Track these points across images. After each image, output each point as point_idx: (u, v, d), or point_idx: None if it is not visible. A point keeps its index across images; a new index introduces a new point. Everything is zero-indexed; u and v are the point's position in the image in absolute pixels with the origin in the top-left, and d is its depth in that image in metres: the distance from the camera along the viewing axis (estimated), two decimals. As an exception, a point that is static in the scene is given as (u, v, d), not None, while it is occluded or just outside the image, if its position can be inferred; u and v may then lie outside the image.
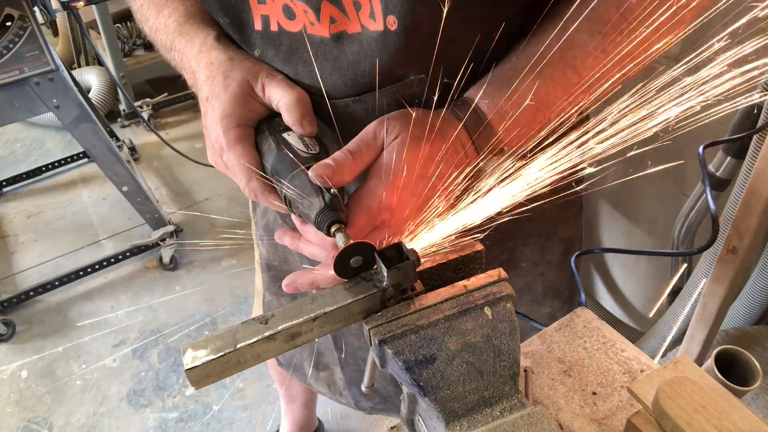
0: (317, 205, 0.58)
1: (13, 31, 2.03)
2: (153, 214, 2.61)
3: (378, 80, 0.66)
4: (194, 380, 0.51)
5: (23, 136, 3.76)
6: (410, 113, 0.64)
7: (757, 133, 1.14)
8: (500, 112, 0.63)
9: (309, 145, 0.65)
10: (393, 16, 0.61)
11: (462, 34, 0.65)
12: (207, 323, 2.46)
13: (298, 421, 1.87)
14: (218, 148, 0.68)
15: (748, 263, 1.15)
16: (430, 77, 0.67)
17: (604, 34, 0.64)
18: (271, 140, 0.66)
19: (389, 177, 0.60)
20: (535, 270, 0.99)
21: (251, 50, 0.73)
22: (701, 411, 0.53)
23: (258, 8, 0.69)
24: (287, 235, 0.69)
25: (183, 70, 0.77)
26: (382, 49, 0.63)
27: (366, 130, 0.63)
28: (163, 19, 0.79)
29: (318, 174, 0.58)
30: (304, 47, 0.68)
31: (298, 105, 0.66)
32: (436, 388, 0.50)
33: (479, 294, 0.54)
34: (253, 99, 0.68)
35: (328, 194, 0.58)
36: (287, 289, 0.67)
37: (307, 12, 0.65)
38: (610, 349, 0.76)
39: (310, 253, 0.66)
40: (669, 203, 1.62)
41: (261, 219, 1.10)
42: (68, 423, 2.12)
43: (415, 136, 0.61)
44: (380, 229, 0.62)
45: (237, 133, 0.66)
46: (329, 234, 0.57)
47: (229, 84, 0.67)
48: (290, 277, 0.67)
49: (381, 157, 0.62)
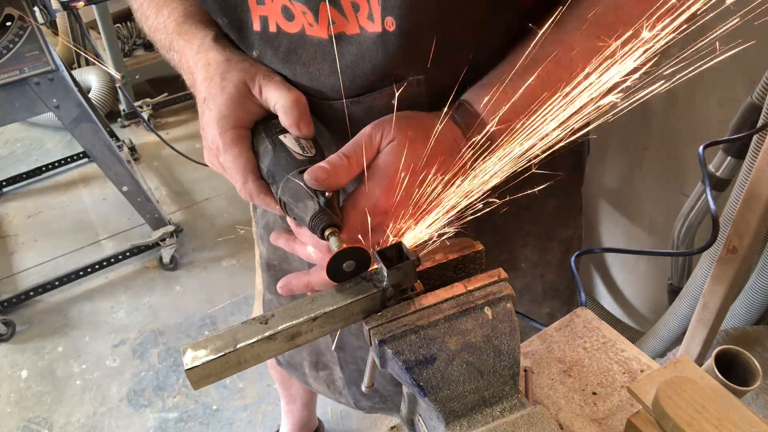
0: (311, 209, 0.58)
1: (13, 31, 2.03)
2: (153, 214, 2.61)
3: (376, 81, 0.66)
4: (194, 380, 0.51)
5: (23, 136, 3.76)
6: (407, 115, 0.64)
7: (757, 133, 1.14)
8: (496, 114, 0.63)
9: (305, 147, 0.65)
10: (391, 18, 0.61)
11: (460, 36, 0.65)
12: (207, 323, 2.46)
13: (298, 421, 1.87)
14: (215, 150, 0.68)
15: (748, 263, 1.15)
16: (428, 79, 0.67)
17: (600, 38, 0.64)
18: (268, 142, 0.66)
19: (385, 180, 0.60)
20: (535, 270, 0.99)
21: (249, 51, 0.73)
22: (701, 411, 0.53)
23: (257, 9, 0.69)
24: (282, 237, 0.69)
25: (181, 70, 0.77)
26: (381, 50, 0.63)
27: (362, 133, 0.63)
28: (162, 19, 0.79)
29: (313, 177, 0.58)
30: (303, 48, 0.68)
31: (295, 107, 0.66)
32: (436, 388, 0.50)
33: (479, 294, 0.54)
34: (250, 100, 0.68)
35: (322, 197, 0.58)
36: (282, 292, 0.67)
37: (306, 13, 0.65)
38: (610, 349, 0.76)
39: (305, 256, 0.66)
40: (669, 203, 1.62)
41: (261, 218, 1.10)
42: (68, 423, 2.12)
43: (411, 138, 0.61)
44: (375, 231, 0.62)
45: (233, 135, 0.66)
46: (323, 237, 0.57)
47: (226, 85, 0.67)
48: (285, 279, 0.67)
49: (377, 160, 0.62)
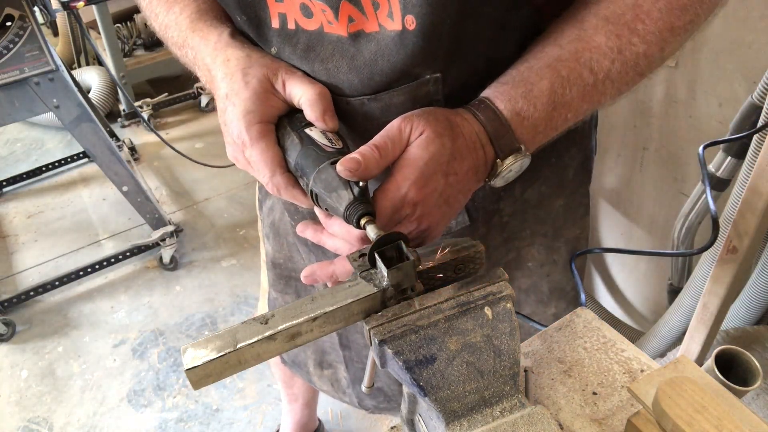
0: (346, 198, 0.59)
1: (13, 31, 2.03)
2: (153, 214, 2.61)
3: (394, 79, 0.67)
4: (194, 380, 0.51)
5: (23, 136, 3.76)
6: (433, 111, 0.64)
7: (757, 133, 1.14)
8: (517, 111, 0.64)
9: (332, 139, 0.66)
10: (411, 16, 0.61)
11: (479, 34, 0.65)
12: (207, 323, 2.46)
13: (299, 420, 1.87)
14: (240, 145, 0.68)
15: (748, 263, 1.15)
16: (445, 77, 0.67)
17: (619, 36, 0.64)
18: (294, 136, 0.66)
19: (415, 172, 0.61)
20: (542, 270, 0.99)
21: (267, 48, 0.73)
22: (701, 411, 0.53)
23: (275, 6, 0.69)
24: (310, 228, 0.70)
25: (196, 67, 0.77)
26: (400, 48, 0.63)
27: (391, 126, 0.63)
28: (173, 16, 0.79)
29: (346, 167, 0.59)
30: (321, 45, 0.68)
31: (320, 100, 0.66)
32: (436, 388, 0.50)
33: (479, 294, 0.54)
34: (273, 95, 0.69)
35: (356, 187, 0.59)
36: (306, 281, 0.67)
37: (325, 11, 0.65)
38: (610, 349, 0.76)
39: (332, 246, 0.67)
40: (669, 203, 1.62)
41: (267, 216, 1.10)
42: (68, 423, 2.12)
43: (438, 133, 0.62)
44: (403, 223, 0.62)
45: (259, 129, 0.66)
46: (359, 226, 0.58)
47: (249, 81, 0.67)
48: (309, 268, 0.67)
49: (406, 153, 0.62)
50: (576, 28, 0.66)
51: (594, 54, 0.64)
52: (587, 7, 0.66)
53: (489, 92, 0.67)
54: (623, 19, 0.64)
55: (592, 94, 0.65)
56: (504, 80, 0.66)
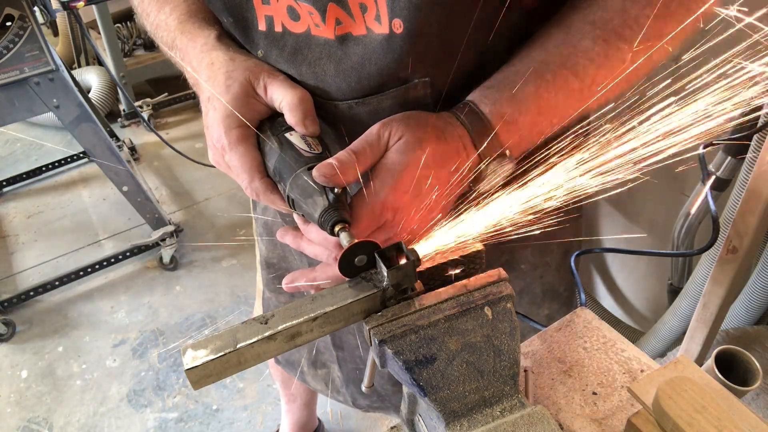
0: (321, 205, 0.58)
1: (13, 31, 2.03)
2: (153, 214, 2.61)
3: (382, 83, 0.66)
4: (194, 380, 0.51)
5: (23, 136, 3.75)
6: (414, 115, 0.64)
7: (757, 133, 1.14)
8: (502, 115, 0.63)
9: (311, 144, 0.65)
10: (399, 20, 0.61)
11: (468, 38, 0.65)
12: (207, 323, 2.46)
13: (298, 420, 1.87)
14: (220, 149, 0.67)
15: (748, 263, 1.15)
16: (434, 81, 0.67)
17: (606, 41, 0.64)
18: (274, 140, 0.66)
19: (393, 178, 0.60)
20: (534, 272, 0.99)
21: (254, 50, 0.73)
22: (701, 411, 0.53)
23: (262, 9, 0.69)
24: (289, 234, 0.69)
25: (184, 68, 0.77)
26: (387, 52, 0.63)
27: (370, 131, 0.63)
28: (164, 16, 0.79)
29: (322, 173, 0.59)
30: (308, 48, 0.68)
31: (301, 105, 0.66)
32: (436, 388, 0.50)
33: (479, 294, 0.54)
34: (254, 99, 0.68)
35: (331, 194, 0.59)
36: (287, 289, 0.67)
37: (313, 13, 0.65)
38: (610, 349, 0.76)
39: (311, 253, 0.66)
40: (669, 203, 1.62)
41: (261, 217, 1.10)
42: (68, 423, 2.12)
43: (418, 137, 0.61)
44: (383, 229, 0.62)
45: (239, 134, 0.66)
46: (333, 233, 0.58)
47: (231, 84, 0.67)
48: (290, 276, 0.67)
49: (385, 158, 0.62)
50: (563, 33, 0.65)
51: (580, 59, 0.64)
52: (575, 12, 0.66)
53: (474, 95, 0.66)
54: (611, 24, 0.63)
55: (579, 99, 0.65)
56: (489, 84, 0.66)
